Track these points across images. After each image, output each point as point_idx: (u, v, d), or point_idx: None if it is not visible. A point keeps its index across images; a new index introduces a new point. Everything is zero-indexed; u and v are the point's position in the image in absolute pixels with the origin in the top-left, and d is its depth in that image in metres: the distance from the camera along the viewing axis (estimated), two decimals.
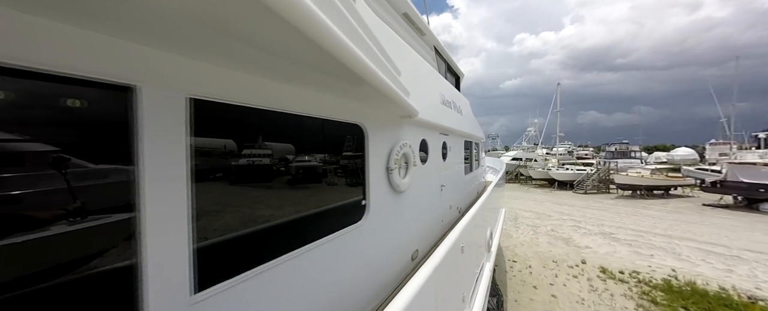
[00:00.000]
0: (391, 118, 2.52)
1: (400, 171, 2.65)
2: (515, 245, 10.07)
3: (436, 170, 3.81)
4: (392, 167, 2.46)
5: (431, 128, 3.56)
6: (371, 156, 2.22)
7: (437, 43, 4.59)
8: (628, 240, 10.49)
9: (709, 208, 16.54)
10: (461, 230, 2.18)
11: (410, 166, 2.82)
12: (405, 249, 2.81)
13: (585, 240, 10.58)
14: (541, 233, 11.52)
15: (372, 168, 2.23)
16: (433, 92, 3.48)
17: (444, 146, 4.17)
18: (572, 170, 25.49)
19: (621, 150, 35.54)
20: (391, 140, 2.53)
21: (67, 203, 0.84)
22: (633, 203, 18.41)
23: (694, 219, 13.78)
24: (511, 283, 7.02)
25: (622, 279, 7.23)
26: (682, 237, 10.80)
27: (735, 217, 14.18)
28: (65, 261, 0.85)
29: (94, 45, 0.84)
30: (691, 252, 9.30)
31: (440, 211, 3.93)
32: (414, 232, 3.04)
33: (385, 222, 2.45)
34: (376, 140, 2.28)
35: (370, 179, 2.21)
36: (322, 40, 0.87)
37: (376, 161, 2.30)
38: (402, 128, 2.76)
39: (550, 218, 14.14)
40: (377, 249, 2.32)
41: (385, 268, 2.44)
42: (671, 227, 12.21)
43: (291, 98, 1.56)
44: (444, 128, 3.99)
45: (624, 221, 13.47)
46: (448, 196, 4.26)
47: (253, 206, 1.47)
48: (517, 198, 20.35)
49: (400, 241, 2.71)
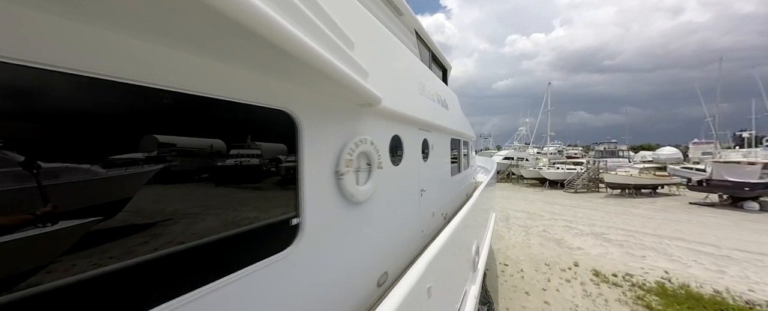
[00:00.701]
0: (341, 106, 1.96)
1: (357, 176, 2.13)
2: (507, 247, 9.83)
3: (414, 173, 3.30)
4: (343, 171, 1.91)
5: (407, 123, 3.01)
6: (307, 156, 1.66)
7: (419, 27, 4.08)
8: (620, 240, 10.38)
9: (695, 206, 16.72)
10: (427, 264, 1.68)
11: (373, 168, 2.28)
12: (367, 273, 2.29)
13: (577, 240, 10.43)
14: (533, 234, 11.34)
15: (309, 173, 1.67)
16: (410, 79, 2.96)
17: (425, 144, 3.68)
18: (563, 169, 25.62)
19: (609, 149, 36.05)
20: (341, 134, 1.98)
21: None
22: (622, 202, 18.51)
23: (682, 218, 13.85)
24: (503, 289, 6.74)
25: (615, 283, 7.03)
26: (672, 237, 10.76)
27: (721, 215, 14.32)
28: None
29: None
30: (682, 252, 9.22)
31: (419, 221, 3.39)
32: (380, 252, 2.48)
33: (334, 244, 1.90)
34: (315, 133, 1.73)
35: (306, 187, 1.65)
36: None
37: (316, 163, 1.74)
38: (361, 121, 2.20)
39: (542, 218, 14.01)
40: (323, 279, 1.78)
41: (339, 301, 1.93)
42: (661, 227, 12.20)
43: (171, 66, 1.05)
44: (424, 123, 3.46)
45: (614, 220, 13.43)
46: (430, 202, 3.76)
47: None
48: (509, 198, 20.26)
49: (359, 265, 2.18)
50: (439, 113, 3.97)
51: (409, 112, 2.84)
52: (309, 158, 1.67)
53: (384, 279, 2.46)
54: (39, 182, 0.77)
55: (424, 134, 3.62)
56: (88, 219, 0.87)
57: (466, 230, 2.48)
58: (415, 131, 3.32)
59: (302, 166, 1.63)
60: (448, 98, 4.66)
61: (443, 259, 2.01)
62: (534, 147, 38.41)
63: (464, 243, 2.46)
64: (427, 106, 3.45)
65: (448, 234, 2.01)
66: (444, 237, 1.95)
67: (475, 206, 2.96)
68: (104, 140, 0.90)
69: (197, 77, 1.13)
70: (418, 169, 3.42)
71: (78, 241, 0.84)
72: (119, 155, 0.93)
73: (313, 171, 1.70)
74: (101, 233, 0.89)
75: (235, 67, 1.25)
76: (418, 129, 3.43)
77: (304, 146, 1.64)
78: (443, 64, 5.67)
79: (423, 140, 3.60)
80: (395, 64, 2.63)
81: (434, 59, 5.09)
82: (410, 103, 2.88)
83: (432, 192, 3.86)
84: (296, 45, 0.98)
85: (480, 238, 3.66)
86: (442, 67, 5.68)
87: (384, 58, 2.37)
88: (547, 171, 25.54)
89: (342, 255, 1.96)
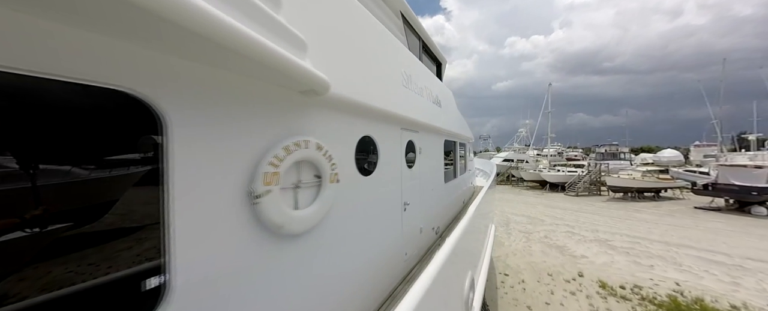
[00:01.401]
0: (261, 91, 1.37)
1: (295, 195, 1.54)
2: (507, 254, 9.34)
3: (395, 183, 2.73)
4: (261, 191, 1.31)
5: (385, 121, 2.45)
6: (182, 171, 1.06)
7: (407, 11, 3.53)
8: (625, 248, 9.90)
9: (701, 211, 16.24)
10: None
11: (325, 182, 1.69)
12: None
13: (580, 248, 9.94)
14: (534, 240, 10.85)
15: (186, 197, 1.07)
16: (390, 68, 2.44)
17: (410, 146, 3.13)
18: (564, 171, 25.14)
19: (610, 152, 35.48)
20: (263, 135, 1.39)
21: None
22: (625, 206, 18.03)
23: (689, 224, 13.36)
24: (503, 302, 6.25)
25: (623, 296, 6.54)
26: (680, 244, 10.27)
27: (728, 221, 13.84)
28: None
29: None
30: (693, 261, 8.73)
31: (400, 242, 2.79)
32: (339, 294, 1.86)
33: (246, 305, 1.30)
34: (202, 133, 1.14)
35: (179, 221, 1.05)
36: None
37: (204, 180, 1.14)
38: (303, 115, 1.61)
39: (543, 222, 13.53)
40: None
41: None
42: (667, 233, 11.71)
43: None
44: (410, 122, 2.88)
45: (618, 226, 12.95)
46: (416, 216, 3.20)
47: None
48: (509, 201, 19.77)
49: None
50: (431, 111, 3.46)
51: (388, 107, 2.30)
52: (186, 174, 1.06)
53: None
54: None
55: (409, 135, 3.08)
56: None
57: (457, 265, 1.95)
58: (396, 131, 2.78)
59: (170, 185, 1.02)
60: (442, 95, 4.13)
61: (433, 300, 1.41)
62: (534, 149, 37.91)
63: (454, 280, 1.90)
64: (414, 101, 2.92)
65: (430, 274, 1.38)
66: (426, 280, 1.32)
67: (471, 225, 2.40)
68: None
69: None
70: (401, 178, 2.87)
71: None
72: None
73: (196, 193, 1.10)
74: None
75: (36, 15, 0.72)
76: (401, 129, 2.89)
77: (175, 153, 1.03)
78: (437, 56, 5.07)
79: (408, 142, 3.07)
80: (366, 44, 2.07)
81: (426, 50, 4.53)
82: (389, 96, 2.34)
83: (420, 205, 3.32)
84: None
85: (476, 265, 3.00)
86: (435, 61, 5.13)
87: (345, 32, 1.79)
88: (547, 174, 25.04)
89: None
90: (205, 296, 1.13)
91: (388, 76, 2.38)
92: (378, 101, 2.13)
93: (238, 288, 1.26)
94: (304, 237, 1.60)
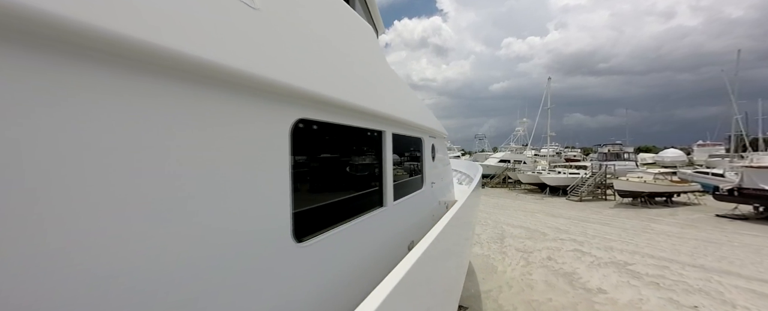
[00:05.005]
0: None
1: None
2: (500, 286, 7.06)
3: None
4: None
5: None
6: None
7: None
8: (653, 275, 7.66)
9: (725, 220, 14.10)
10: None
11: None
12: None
13: (595, 276, 7.68)
14: (535, 263, 8.60)
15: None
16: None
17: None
18: (565, 174, 22.97)
19: (614, 152, 33.07)
20: None
21: None
22: (637, 213, 15.86)
23: (719, 238, 11.18)
24: None
25: None
26: (721, 270, 8.05)
27: (765, 234, 11.66)
28: None
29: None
30: (746, 297, 6.50)
31: None
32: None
33: None
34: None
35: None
36: None
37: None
38: None
39: (545, 237, 11.30)
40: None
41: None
42: (698, 252, 9.51)
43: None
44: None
45: (635, 241, 10.74)
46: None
47: None
48: (505, 208, 17.56)
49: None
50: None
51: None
52: None
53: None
54: None
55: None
56: None
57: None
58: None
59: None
60: (374, 60, 2.33)
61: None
62: (531, 149, 35.72)
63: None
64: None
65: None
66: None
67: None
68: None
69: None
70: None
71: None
72: None
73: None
74: None
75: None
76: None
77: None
78: (371, 16, 3.23)
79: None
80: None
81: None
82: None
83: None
84: None
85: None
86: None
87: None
88: (547, 176, 22.87)
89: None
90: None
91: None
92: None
93: None
94: None
